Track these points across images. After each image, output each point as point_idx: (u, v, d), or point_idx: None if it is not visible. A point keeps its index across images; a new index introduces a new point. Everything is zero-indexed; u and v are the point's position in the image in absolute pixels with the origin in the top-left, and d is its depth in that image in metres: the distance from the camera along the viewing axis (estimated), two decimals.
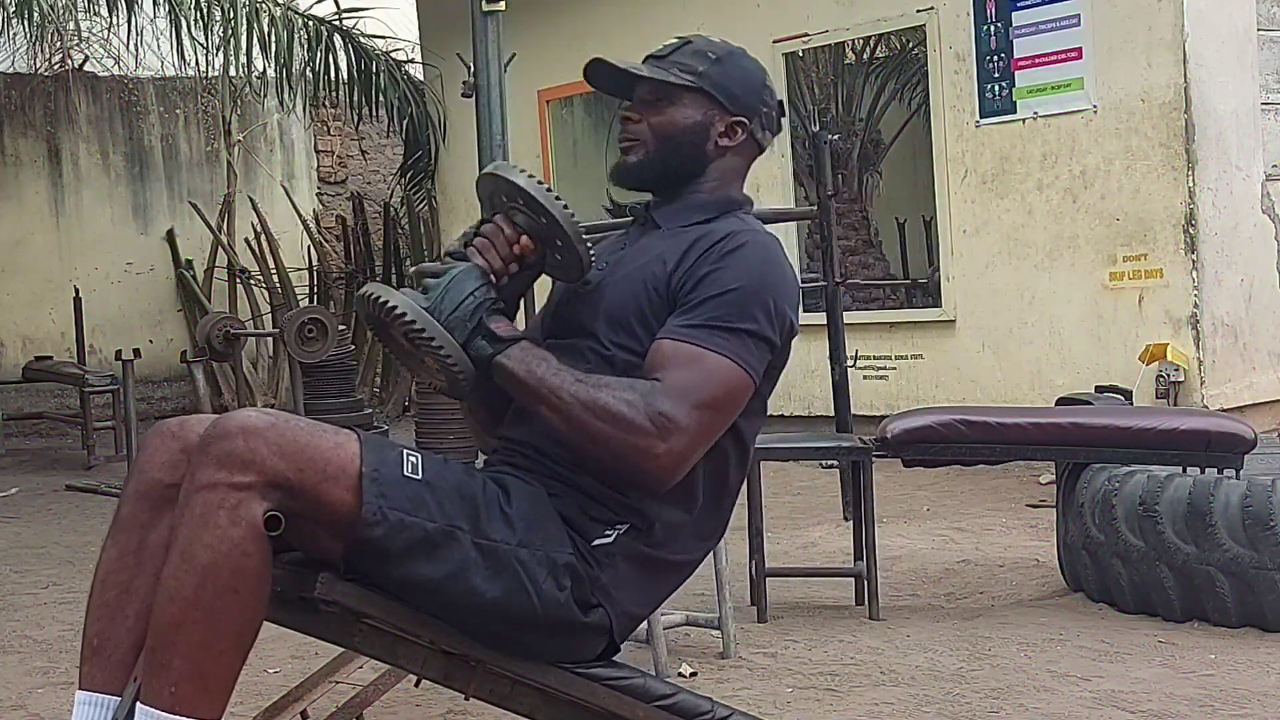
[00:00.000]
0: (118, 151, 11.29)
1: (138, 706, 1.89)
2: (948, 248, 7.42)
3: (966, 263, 7.35)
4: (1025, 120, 7.06)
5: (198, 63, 10.06)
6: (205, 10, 9.65)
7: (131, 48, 10.24)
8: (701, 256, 2.13)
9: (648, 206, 2.33)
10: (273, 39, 9.97)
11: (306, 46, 10.27)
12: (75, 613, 4.34)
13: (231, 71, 10.43)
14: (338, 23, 10.75)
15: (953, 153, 7.36)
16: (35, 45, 10.88)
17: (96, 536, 3.09)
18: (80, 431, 9.05)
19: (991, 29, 7.17)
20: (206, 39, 9.83)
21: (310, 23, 10.42)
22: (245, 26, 9.71)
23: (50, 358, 9.92)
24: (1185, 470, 3.98)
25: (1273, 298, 6.89)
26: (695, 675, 3.57)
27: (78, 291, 10.19)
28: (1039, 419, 4.15)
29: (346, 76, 10.63)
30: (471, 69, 4.60)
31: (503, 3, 4.48)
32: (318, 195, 12.25)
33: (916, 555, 5.04)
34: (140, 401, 9.13)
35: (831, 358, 5.84)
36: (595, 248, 2.19)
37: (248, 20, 9.73)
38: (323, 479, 1.91)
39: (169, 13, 9.69)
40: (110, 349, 9.58)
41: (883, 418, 4.44)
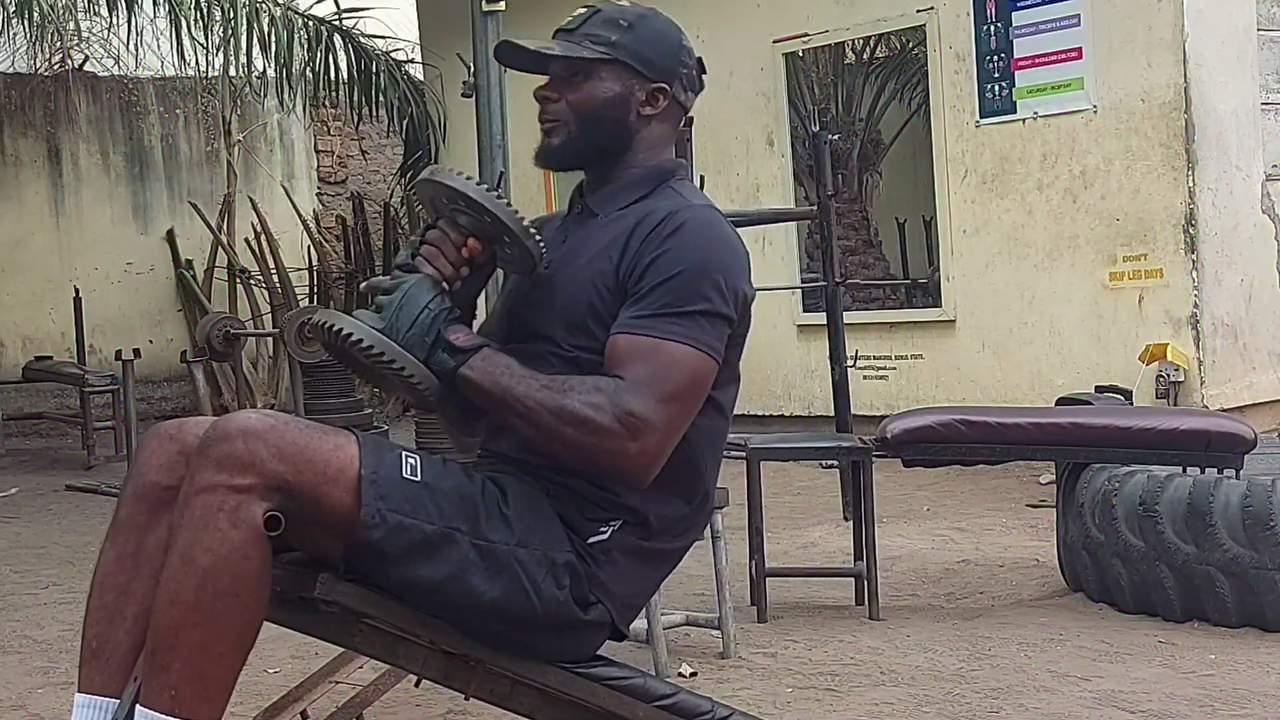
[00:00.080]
0: (118, 151, 11.29)
1: (137, 709, 1.89)
2: (948, 248, 7.42)
3: (966, 263, 7.34)
4: (1025, 120, 7.06)
5: (198, 63, 10.07)
6: (205, 10, 9.66)
7: (131, 48, 10.26)
8: (644, 244, 2.08)
9: (581, 193, 2.27)
10: (273, 39, 9.98)
11: (306, 46, 10.27)
12: (75, 613, 4.33)
13: (231, 71, 10.43)
14: (338, 23, 10.76)
15: (953, 153, 7.35)
16: (35, 45, 10.88)
17: (96, 537, 3.09)
18: (80, 431, 9.04)
19: (991, 29, 7.16)
20: (206, 39, 9.83)
21: (310, 23, 10.43)
22: (245, 26, 9.72)
23: (50, 358, 9.91)
24: (1185, 470, 3.98)
25: (1273, 298, 6.88)
26: (695, 675, 3.57)
27: (78, 291, 10.19)
28: (1039, 419, 4.15)
29: (346, 76, 10.64)
30: (471, 69, 4.59)
31: (503, 3, 4.47)
32: (318, 195, 12.25)
33: (916, 555, 5.04)
34: (140, 401, 9.13)
35: (831, 358, 5.84)
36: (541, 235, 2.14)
37: (248, 20, 9.74)
38: (322, 481, 1.91)
39: (169, 13, 9.70)
40: (110, 349, 9.59)
41: (883, 418, 4.44)
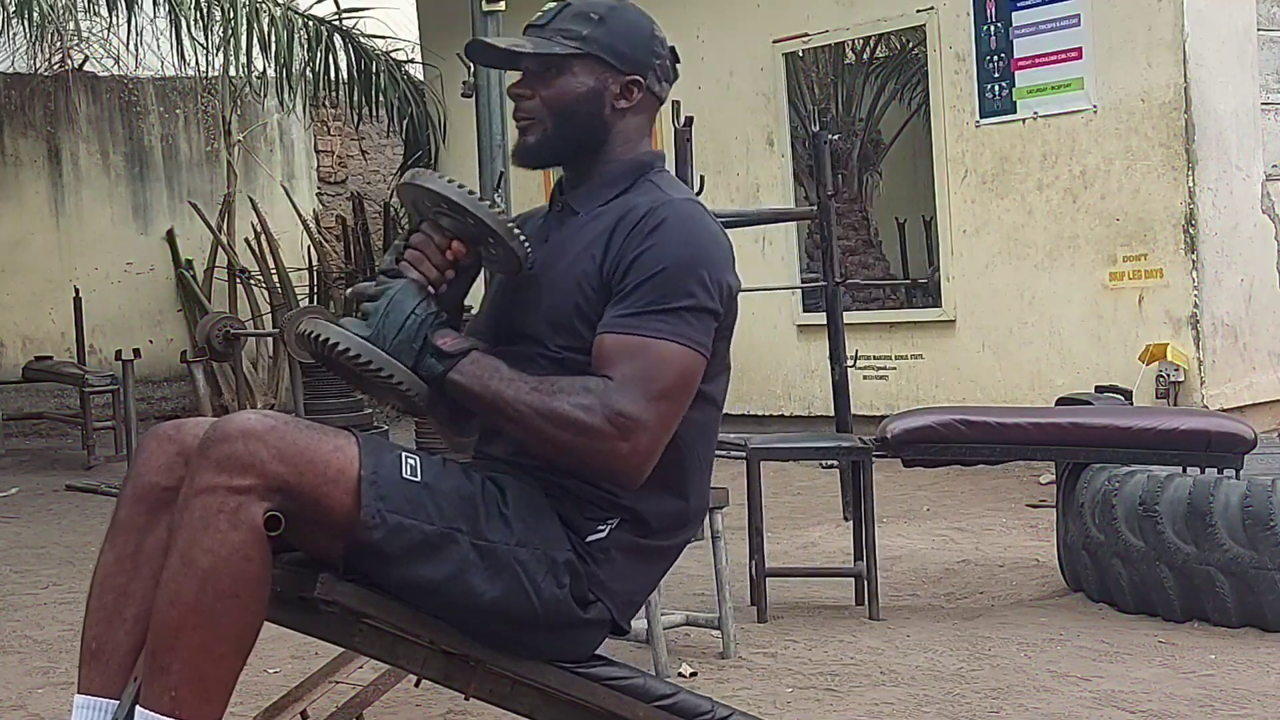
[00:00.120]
0: (118, 151, 11.29)
1: (137, 710, 1.89)
2: (948, 248, 7.42)
3: (966, 263, 7.34)
4: (1025, 120, 7.06)
5: (198, 63, 10.06)
6: (205, 10, 9.65)
7: (131, 48, 10.25)
8: (626, 241, 2.07)
9: (560, 189, 2.26)
10: (273, 39, 9.98)
11: (306, 46, 10.27)
12: (75, 613, 4.34)
13: (231, 71, 10.43)
14: (338, 23, 10.75)
15: (953, 153, 7.35)
16: (35, 45, 10.87)
17: (96, 537, 3.08)
18: (80, 431, 9.04)
19: (991, 29, 7.16)
20: (206, 39, 9.83)
21: (310, 23, 10.43)
22: (245, 26, 9.71)
23: (50, 358, 9.91)
24: (1185, 470, 3.98)
25: (1273, 298, 6.88)
26: (695, 675, 3.57)
27: (78, 291, 10.19)
28: (1039, 419, 4.15)
29: (346, 76, 10.63)
30: (471, 69, 4.59)
31: (503, 3, 4.47)
32: (318, 195, 12.25)
33: (916, 555, 5.04)
34: (140, 401, 9.13)
35: (831, 358, 5.83)
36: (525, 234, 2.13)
37: (248, 20, 9.74)
38: (322, 482, 1.91)
39: (169, 13, 9.70)
40: (110, 349, 9.59)
41: (883, 418, 4.44)
